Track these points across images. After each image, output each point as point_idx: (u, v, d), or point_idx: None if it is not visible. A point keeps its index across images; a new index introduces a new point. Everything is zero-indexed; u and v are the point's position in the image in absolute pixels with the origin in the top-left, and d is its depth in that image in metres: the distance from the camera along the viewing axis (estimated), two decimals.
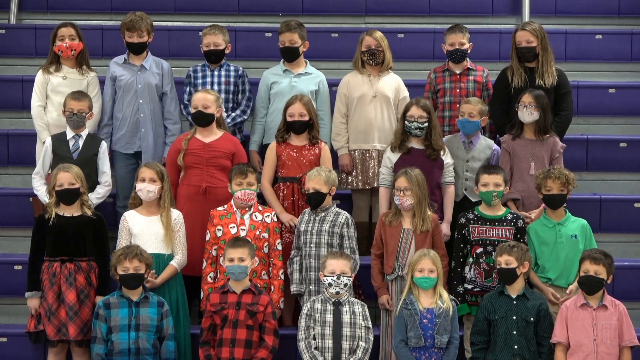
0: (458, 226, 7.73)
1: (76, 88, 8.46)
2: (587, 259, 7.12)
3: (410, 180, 7.59)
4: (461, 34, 8.68)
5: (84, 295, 7.53)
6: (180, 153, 8.11)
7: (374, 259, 7.74)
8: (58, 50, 8.60)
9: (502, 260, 7.27)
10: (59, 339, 7.50)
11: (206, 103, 8.14)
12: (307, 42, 8.75)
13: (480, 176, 7.71)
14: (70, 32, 8.62)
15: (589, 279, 7.10)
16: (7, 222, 8.92)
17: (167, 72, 8.73)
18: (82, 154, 8.15)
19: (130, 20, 8.59)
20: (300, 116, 8.18)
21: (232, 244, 7.34)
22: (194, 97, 8.21)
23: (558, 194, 7.65)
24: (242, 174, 7.76)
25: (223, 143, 8.16)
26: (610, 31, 10.39)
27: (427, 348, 7.21)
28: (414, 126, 8.07)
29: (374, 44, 8.57)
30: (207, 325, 7.32)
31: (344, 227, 7.72)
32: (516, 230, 7.66)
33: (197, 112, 8.13)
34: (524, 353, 7.20)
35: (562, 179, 7.62)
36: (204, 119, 8.14)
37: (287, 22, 8.72)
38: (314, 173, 7.74)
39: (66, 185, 7.58)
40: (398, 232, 7.64)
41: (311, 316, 7.30)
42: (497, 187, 7.65)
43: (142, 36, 8.61)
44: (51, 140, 8.23)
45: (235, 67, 8.82)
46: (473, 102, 8.25)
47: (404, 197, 7.59)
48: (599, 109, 9.85)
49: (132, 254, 7.28)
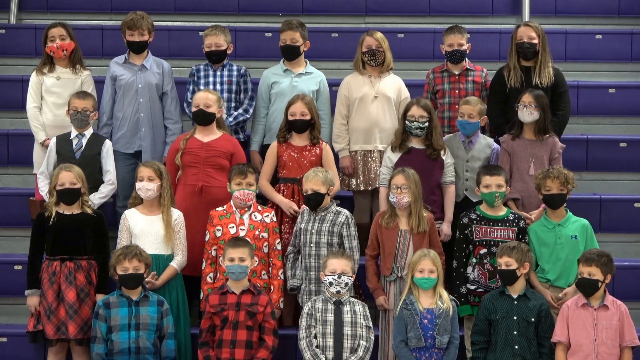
0: (460, 226, 7.72)
1: (70, 88, 8.48)
2: (580, 261, 7.13)
3: (407, 178, 7.59)
4: (460, 34, 8.67)
5: (84, 294, 7.53)
6: (178, 152, 8.12)
7: (369, 260, 7.73)
8: (50, 51, 8.60)
9: (502, 262, 7.27)
10: (58, 337, 7.50)
11: (208, 102, 8.14)
12: (308, 42, 8.75)
13: (481, 177, 7.70)
14: (61, 32, 8.61)
15: (582, 281, 7.10)
16: (7, 222, 8.92)
17: (168, 72, 8.73)
18: (85, 153, 8.15)
19: (132, 19, 8.60)
20: (302, 115, 8.18)
21: (233, 244, 7.33)
22: (196, 96, 8.22)
23: (557, 194, 7.64)
24: (242, 174, 7.76)
25: (222, 143, 8.16)
26: (610, 31, 10.39)
27: (427, 348, 7.21)
28: (414, 126, 8.07)
29: (374, 45, 8.56)
30: (207, 326, 7.31)
31: (343, 227, 7.72)
32: (518, 230, 7.65)
33: (199, 111, 8.13)
34: (525, 353, 7.20)
35: (561, 178, 7.61)
36: (205, 117, 8.14)
37: (288, 21, 8.72)
38: (311, 174, 7.74)
39: (67, 185, 7.58)
40: (395, 233, 7.63)
41: (312, 315, 7.30)
42: (499, 188, 7.64)
43: (142, 35, 8.62)
44: (55, 140, 8.23)
45: (237, 67, 8.82)
46: (472, 102, 8.24)
47: (401, 194, 7.59)
48: (599, 109, 9.85)
49: (131, 254, 7.28)
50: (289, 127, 8.24)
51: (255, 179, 7.84)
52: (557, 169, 7.72)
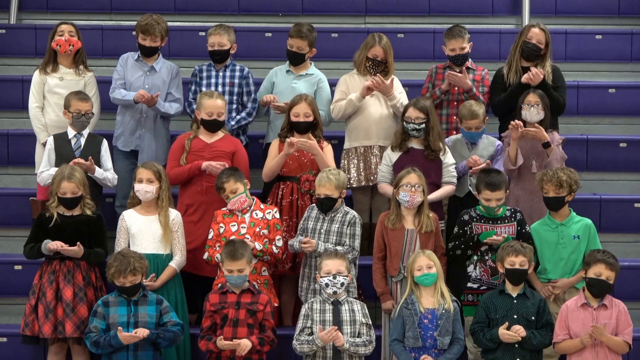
0: (460, 222, 7.71)
1: (73, 89, 8.45)
2: (603, 263, 7.05)
3: (420, 177, 7.59)
4: (461, 38, 8.67)
5: (82, 293, 7.54)
6: (184, 153, 8.12)
7: (377, 263, 7.69)
8: (56, 46, 8.58)
9: (516, 261, 7.22)
10: (55, 336, 7.51)
11: (220, 110, 8.16)
12: (315, 50, 8.74)
13: (482, 191, 7.63)
14: (70, 29, 8.63)
15: (600, 282, 7.06)
16: (7, 222, 8.92)
17: (176, 76, 8.73)
18: (84, 152, 8.15)
19: (146, 23, 8.57)
20: (305, 116, 8.18)
21: (230, 256, 7.28)
22: (206, 104, 8.14)
23: (554, 197, 7.59)
24: (220, 189, 7.76)
25: (225, 144, 8.18)
26: (610, 31, 10.39)
27: (427, 349, 7.19)
28: (410, 127, 8.09)
29: (381, 56, 8.55)
30: (208, 325, 7.31)
31: (349, 226, 7.70)
32: (518, 224, 7.66)
33: (213, 121, 8.13)
34: (525, 352, 7.19)
35: (554, 182, 7.52)
36: (217, 126, 8.18)
37: (299, 28, 8.68)
38: (324, 178, 7.70)
39: (69, 195, 7.60)
40: (401, 233, 7.63)
41: (309, 316, 7.29)
42: (499, 201, 7.63)
43: (155, 40, 8.61)
44: (53, 139, 8.23)
45: (240, 67, 8.80)
46: (478, 116, 8.20)
47: (415, 193, 7.57)
48: (599, 109, 9.85)
49: (126, 272, 7.22)
50: (291, 128, 8.23)
51: (237, 181, 7.76)
52: (553, 171, 7.61)
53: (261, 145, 8.87)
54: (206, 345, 7.25)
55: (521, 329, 7.11)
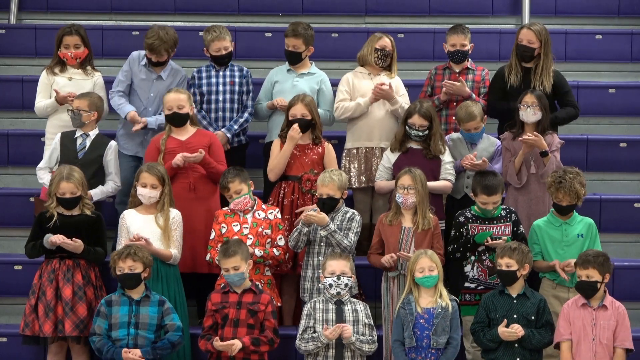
0: (456, 224, 7.73)
1: (82, 89, 8.46)
2: (577, 264, 7.12)
3: (414, 179, 7.60)
4: (462, 35, 8.69)
5: (81, 292, 7.54)
6: (160, 154, 8.09)
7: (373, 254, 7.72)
8: (63, 57, 8.60)
9: (502, 262, 7.27)
10: (55, 335, 7.51)
11: (180, 103, 8.11)
12: (312, 48, 8.74)
13: (479, 194, 7.65)
14: (75, 40, 8.60)
15: (582, 284, 7.10)
16: (7, 222, 8.92)
17: (183, 82, 8.72)
18: (88, 154, 8.16)
19: (152, 42, 8.49)
20: (302, 117, 8.18)
21: (224, 254, 7.28)
22: (166, 98, 8.13)
23: (567, 206, 7.61)
24: (224, 188, 7.76)
25: (199, 138, 8.14)
26: (610, 31, 10.39)
27: (423, 349, 7.20)
28: (413, 134, 8.12)
29: (389, 47, 8.58)
30: (209, 324, 7.30)
31: (347, 221, 7.70)
32: (513, 224, 7.67)
33: (173, 114, 8.10)
34: (525, 352, 7.20)
35: (571, 194, 7.52)
36: (180, 119, 8.12)
37: (294, 27, 8.68)
38: (327, 179, 7.71)
39: (68, 195, 7.60)
40: (398, 230, 7.64)
41: (311, 315, 7.30)
42: (495, 205, 7.66)
43: (161, 57, 8.58)
44: (60, 136, 8.24)
45: (239, 67, 8.80)
46: (475, 117, 8.19)
47: (407, 194, 7.59)
48: (599, 109, 9.85)
49: (124, 254, 7.23)
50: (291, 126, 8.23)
51: (241, 182, 7.77)
52: (570, 182, 7.53)
53: (261, 145, 8.87)
54: (205, 346, 7.25)
55: (519, 328, 7.12)
